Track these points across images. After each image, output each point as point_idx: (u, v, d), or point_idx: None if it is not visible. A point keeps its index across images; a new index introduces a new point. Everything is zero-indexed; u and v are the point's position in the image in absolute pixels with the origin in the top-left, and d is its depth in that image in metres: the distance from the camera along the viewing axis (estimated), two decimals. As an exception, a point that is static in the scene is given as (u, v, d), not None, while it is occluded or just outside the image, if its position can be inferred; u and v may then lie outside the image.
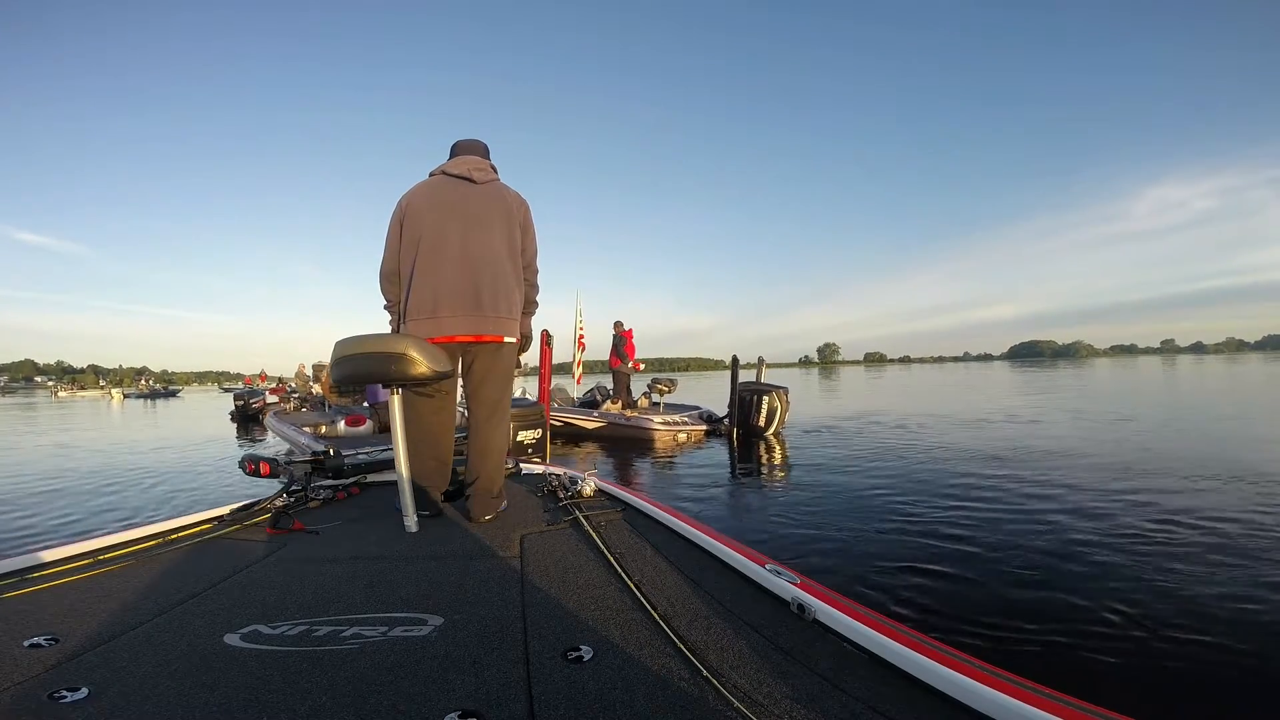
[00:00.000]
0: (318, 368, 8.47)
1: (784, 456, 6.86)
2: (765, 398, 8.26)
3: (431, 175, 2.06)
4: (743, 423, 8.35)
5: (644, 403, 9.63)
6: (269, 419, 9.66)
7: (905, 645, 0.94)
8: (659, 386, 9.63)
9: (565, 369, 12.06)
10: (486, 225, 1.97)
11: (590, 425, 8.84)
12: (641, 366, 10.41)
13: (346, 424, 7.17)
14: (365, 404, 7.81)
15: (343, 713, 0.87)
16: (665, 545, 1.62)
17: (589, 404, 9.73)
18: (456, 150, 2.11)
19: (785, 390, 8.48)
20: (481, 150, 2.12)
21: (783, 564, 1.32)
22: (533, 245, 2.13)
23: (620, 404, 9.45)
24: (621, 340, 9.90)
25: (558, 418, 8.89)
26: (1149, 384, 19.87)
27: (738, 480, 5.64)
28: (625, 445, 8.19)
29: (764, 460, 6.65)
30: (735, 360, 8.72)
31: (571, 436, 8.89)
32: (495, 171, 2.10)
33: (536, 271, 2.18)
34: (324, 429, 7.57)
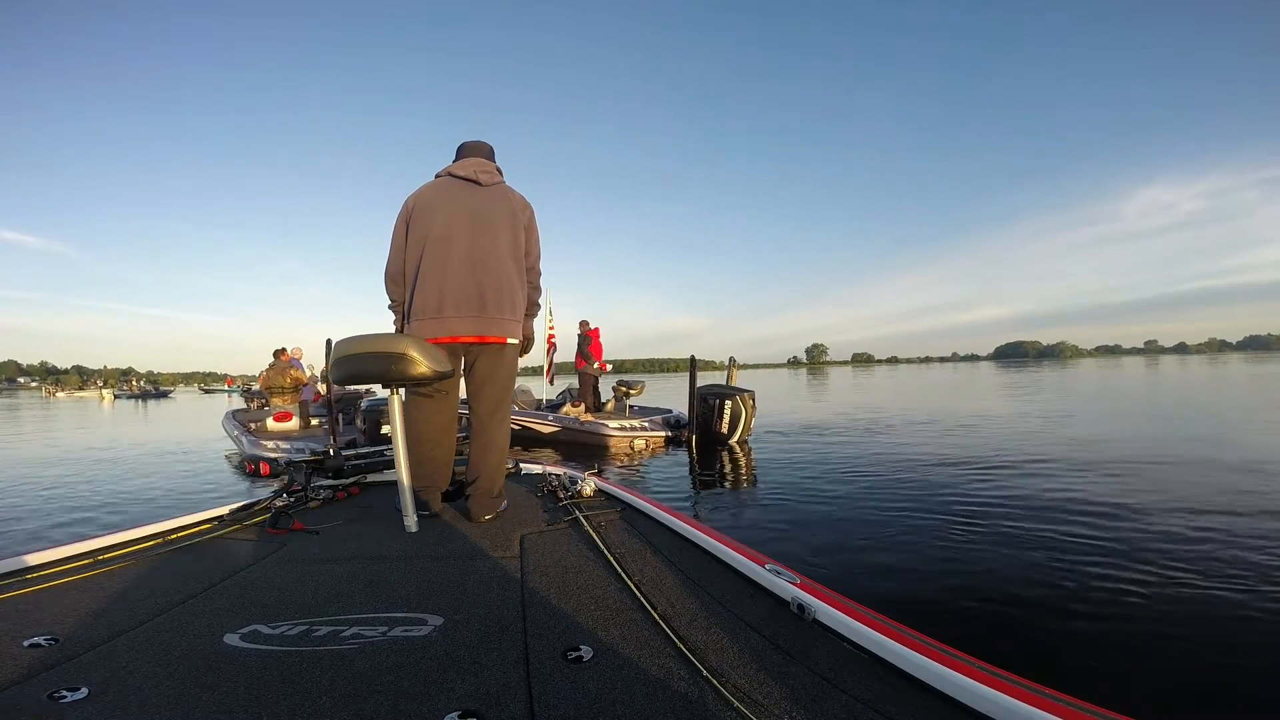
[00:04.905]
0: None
1: (749, 468, 6.23)
2: (728, 402, 7.48)
3: (438, 177, 2.07)
4: (703, 429, 7.60)
5: (611, 406, 9.22)
6: (223, 418, 9.83)
7: (905, 645, 0.95)
8: (622, 389, 9.21)
9: (539, 370, 11.96)
10: (492, 227, 1.99)
11: (545, 429, 8.32)
12: (609, 368, 9.99)
13: (275, 420, 7.91)
14: (299, 402, 8.61)
15: (343, 713, 0.87)
16: (665, 545, 1.62)
17: (558, 406, 9.26)
18: (463, 152, 2.12)
19: (751, 394, 7.81)
20: (487, 152, 2.14)
21: (782, 564, 1.32)
22: (536, 248, 2.16)
23: (583, 406, 8.93)
24: (586, 340, 9.48)
25: (514, 421, 8.66)
26: (1131, 383, 20.12)
27: (695, 493, 5.17)
28: (578, 451, 7.63)
29: (726, 472, 6.06)
30: (693, 360, 8.01)
31: (527, 441, 8.38)
32: (500, 174, 2.13)
33: (539, 274, 2.20)
34: (256, 425, 8.20)
